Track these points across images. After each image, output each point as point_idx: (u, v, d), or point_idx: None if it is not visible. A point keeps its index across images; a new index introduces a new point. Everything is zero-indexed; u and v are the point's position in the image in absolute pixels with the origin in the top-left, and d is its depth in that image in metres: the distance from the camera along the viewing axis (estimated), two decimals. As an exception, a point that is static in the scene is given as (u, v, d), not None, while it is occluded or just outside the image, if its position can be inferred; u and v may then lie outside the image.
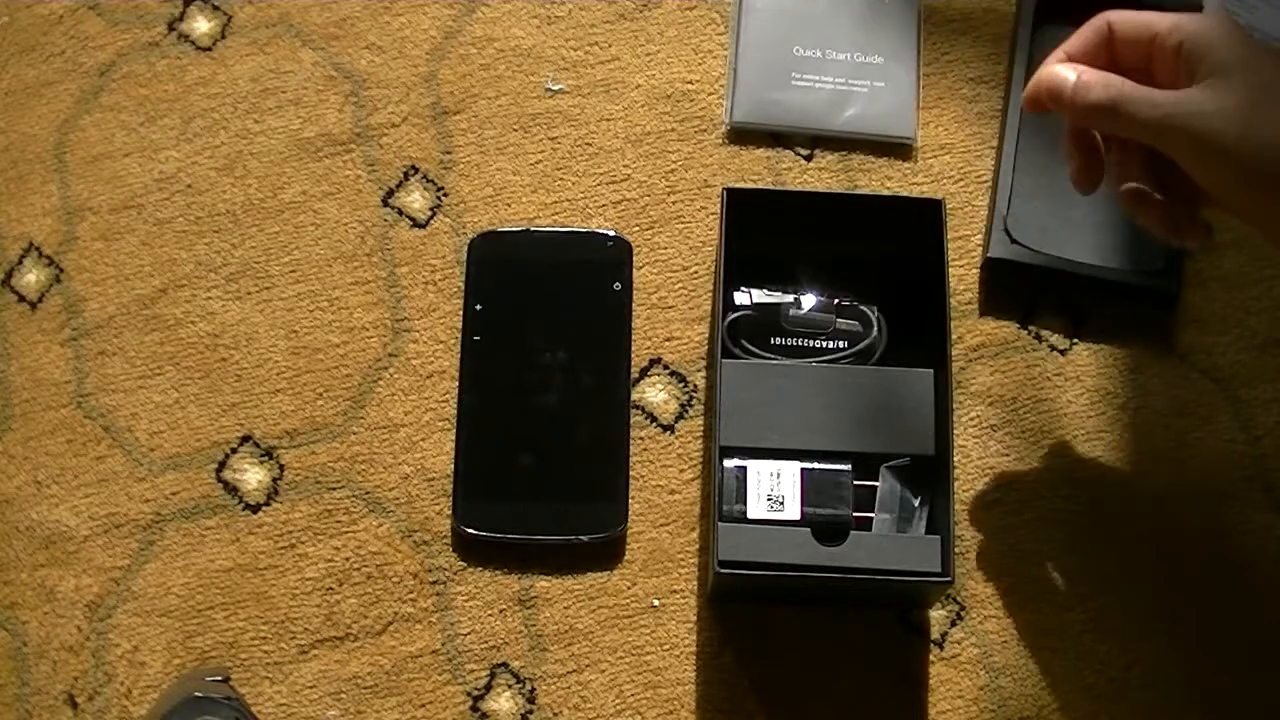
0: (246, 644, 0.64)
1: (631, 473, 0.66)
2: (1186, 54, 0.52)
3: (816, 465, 0.63)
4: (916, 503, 0.63)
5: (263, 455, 0.67)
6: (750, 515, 0.62)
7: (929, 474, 0.63)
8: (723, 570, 0.59)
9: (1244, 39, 0.51)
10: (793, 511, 0.62)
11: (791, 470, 0.62)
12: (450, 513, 0.66)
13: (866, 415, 0.63)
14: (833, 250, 0.67)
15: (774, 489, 0.62)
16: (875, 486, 0.63)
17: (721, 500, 0.61)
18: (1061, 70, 0.54)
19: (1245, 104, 0.49)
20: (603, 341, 0.68)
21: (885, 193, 0.71)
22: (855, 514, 0.62)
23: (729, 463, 0.63)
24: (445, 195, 0.71)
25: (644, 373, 0.68)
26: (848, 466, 0.62)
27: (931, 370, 0.63)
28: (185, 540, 0.66)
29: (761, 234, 0.65)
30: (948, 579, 0.59)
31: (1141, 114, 0.52)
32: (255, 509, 0.66)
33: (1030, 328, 0.69)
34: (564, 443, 0.67)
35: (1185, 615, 0.65)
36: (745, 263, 0.65)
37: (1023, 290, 0.70)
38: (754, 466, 0.63)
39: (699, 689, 0.64)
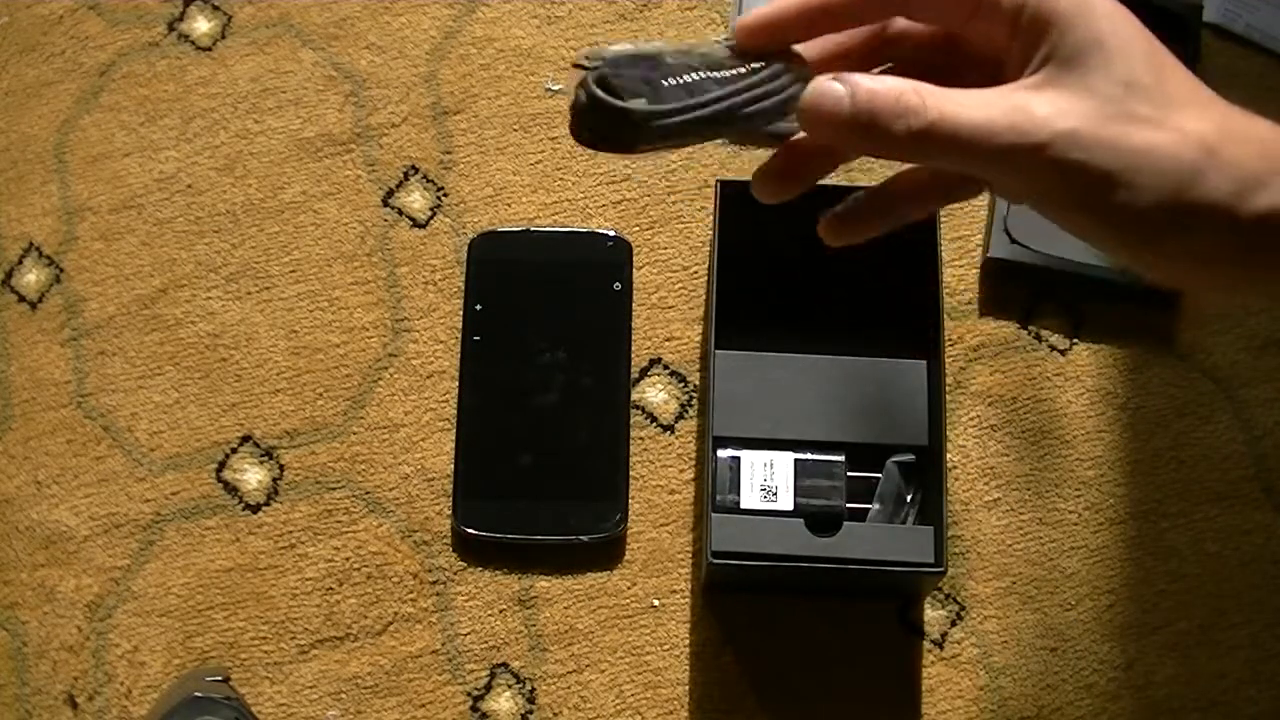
0: (246, 644, 0.64)
1: (631, 473, 0.66)
2: (1032, 23, 0.37)
3: (810, 456, 0.63)
4: (910, 494, 0.63)
5: (263, 455, 0.67)
6: (744, 505, 0.62)
7: (923, 465, 0.63)
8: (716, 561, 0.59)
9: (1118, 8, 0.37)
10: (786, 502, 0.62)
11: (785, 461, 0.63)
12: (450, 513, 0.66)
13: (860, 406, 0.63)
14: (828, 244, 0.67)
15: (767, 479, 0.62)
16: (869, 477, 0.63)
17: (715, 490, 0.62)
18: (834, 91, 0.37)
19: (1118, 119, 0.36)
20: (603, 341, 0.68)
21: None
22: (849, 504, 0.62)
23: (723, 453, 0.63)
24: (445, 195, 0.71)
25: (644, 373, 0.68)
26: (841, 457, 0.63)
27: (924, 361, 0.64)
28: (185, 540, 0.66)
29: (756, 228, 0.65)
30: (940, 570, 0.59)
31: (971, 137, 0.36)
32: (255, 509, 0.66)
33: (1030, 328, 0.69)
34: (563, 442, 0.67)
35: (1185, 615, 0.65)
36: (739, 257, 0.65)
37: (1023, 290, 0.70)
38: (747, 457, 0.63)
39: (699, 689, 0.64)
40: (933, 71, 0.39)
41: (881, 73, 0.40)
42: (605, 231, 0.70)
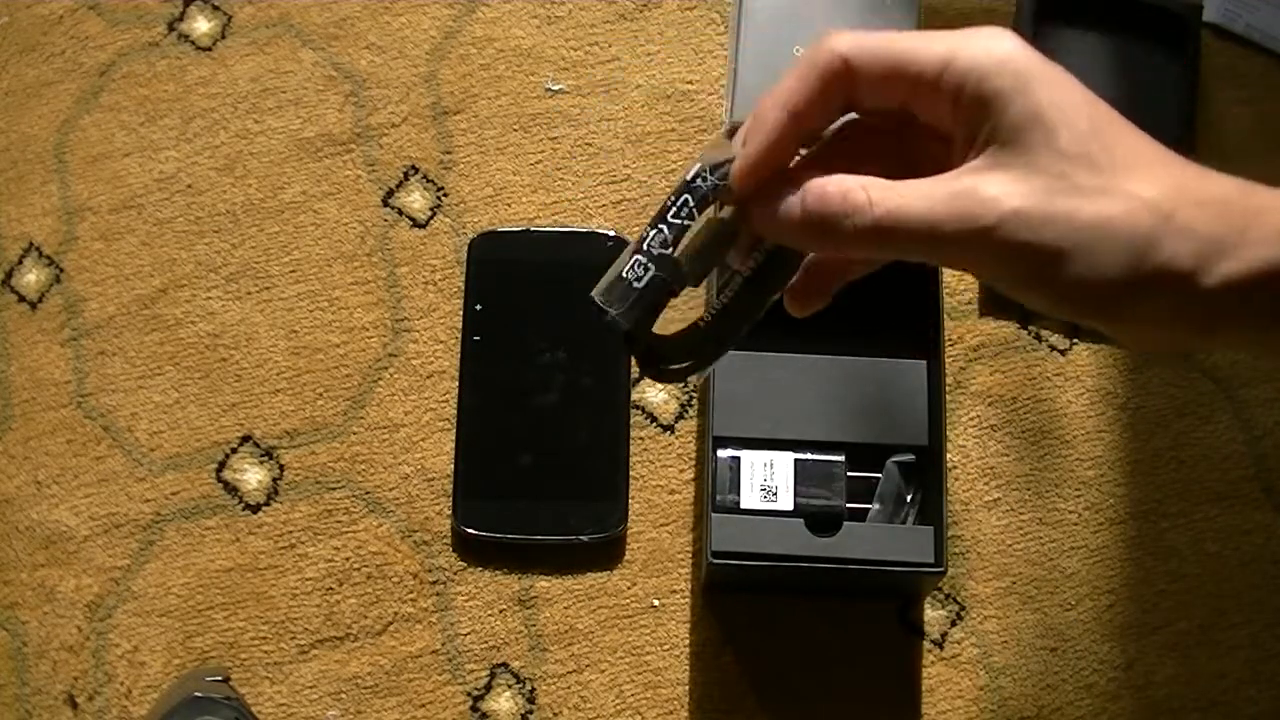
0: (246, 644, 0.64)
1: (631, 473, 0.66)
2: (972, 103, 0.36)
3: (810, 456, 0.63)
4: (910, 494, 0.63)
5: (263, 455, 0.67)
6: (744, 505, 0.62)
7: (923, 465, 0.63)
8: (716, 561, 0.59)
9: (1059, 76, 0.36)
10: (786, 502, 0.62)
11: (785, 461, 0.63)
12: (450, 513, 0.66)
13: (860, 406, 0.63)
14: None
15: (767, 479, 0.62)
16: (870, 477, 0.63)
17: (715, 490, 0.62)
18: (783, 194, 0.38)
19: (1068, 193, 0.35)
20: (602, 341, 0.68)
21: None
22: (849, 504, 0.62)
23: (723, 453, 0.63)
24: (445, 195, 0.71)
25: (644, 373, 0.68)
26: (841, 457, 0.63)
27: (924, 361, 0.64)
28: (185, 540, 0.66)
29: None
30: (940, 569, 0.59)
31: (918, 229, 0.36)
32: (255, 509, 0.66)
33: (1030, 328, 0.69)
34: (564, 443, 0.67)
35: (1185, 615, 0.65)
36: None
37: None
38: (747, 457, 0.63)
39: (699, 689, 0.64)
40: (894, 146, 0.40)
41: (842, 140, 0.41)
42: (605, 231, 0.70)
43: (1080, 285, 0.35)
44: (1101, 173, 0.35)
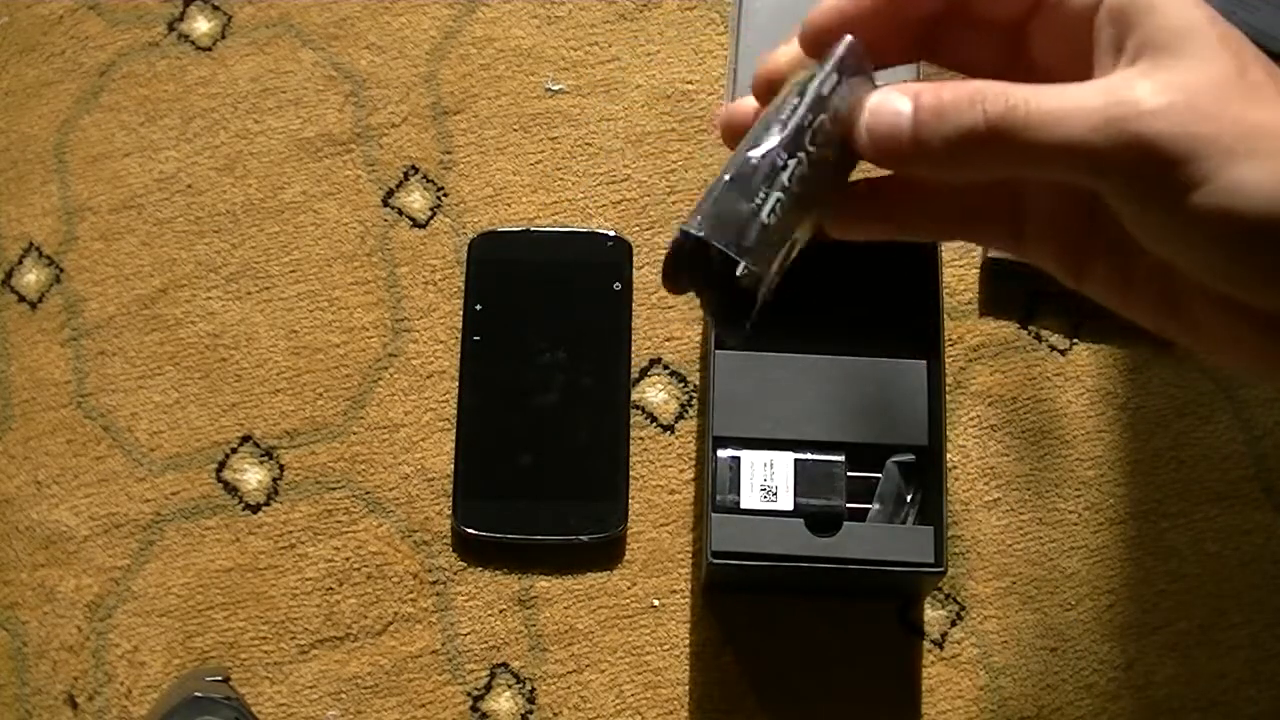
0: (246, 644, 0.64)
1: (631, 473, 0.66)
2: (1115, 12, 0.33)
3: (810, 456, 0.63)
4: (910, 494, 0.63)
5: (263, 455, 0.67)
6: (744, 505, 0.62)
7: (923, 465, 0.63)
8: (716, 561, 0.60)
9: (1215, 12, 0.33)
10: (786, 502, 0.62)
11: (785, 461, 0.63)
12: (450, 513, 0.66)
13: (860, 406, 0.63)
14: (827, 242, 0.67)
15: (767, 479, 0.62)
16: (870, 477, 0.63)
17: (715, 490, 0.62)
18: (892, 103, 0.33)
19: (1237, 96, 0.31)
20: (602, 341, 0.68)
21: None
22: (849, 504, 0.62)
23: (723, 453, 0.63)
24: (445, 195, 0.71)
25: (644, 373, 0.68)
26: (841, 458, 0.63)
27: (924, 361, 0.64)
28: (185, 540, 0.66)
29: None
30: (940, 570, 0.59)
31: (1049, 134, 0.31)
32: (255, 509, 0.66)
33: (1030, 328, 0.69)
34: (564, 443, 0.67)
35: (1185, 615, 0.65)
36: None
37: (1023, 290, 0.70)
38: (747, 457, 0.63)
39: (699, 689, 0.64)
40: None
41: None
42: (605, 231, 0.70)
43: (1235, 197, 0.30)
44: (1268, 91, 0.32)
